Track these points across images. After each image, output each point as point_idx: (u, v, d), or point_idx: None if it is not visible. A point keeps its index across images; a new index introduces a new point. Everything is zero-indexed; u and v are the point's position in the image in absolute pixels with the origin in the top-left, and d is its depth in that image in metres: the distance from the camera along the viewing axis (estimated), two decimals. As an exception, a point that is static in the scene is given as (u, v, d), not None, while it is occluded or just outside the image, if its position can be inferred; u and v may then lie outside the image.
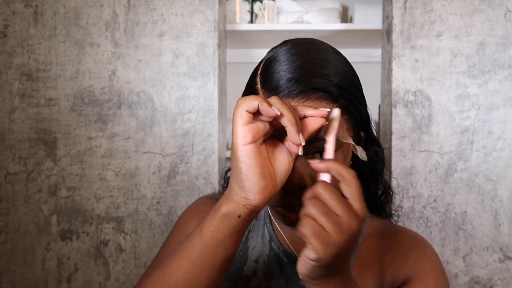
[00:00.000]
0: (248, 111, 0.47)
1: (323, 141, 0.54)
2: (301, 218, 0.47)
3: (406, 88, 1.25)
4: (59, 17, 1.26)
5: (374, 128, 0.68)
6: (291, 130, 0.47)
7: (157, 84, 1.26)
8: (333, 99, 0.57)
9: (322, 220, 0.45)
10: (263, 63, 0.62)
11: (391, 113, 1.26)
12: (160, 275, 0.55)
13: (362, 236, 0.70)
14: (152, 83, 1.26)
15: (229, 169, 0.80)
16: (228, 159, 1.50)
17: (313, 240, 0.45)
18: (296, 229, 0.47)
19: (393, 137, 1.25)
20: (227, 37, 1.67)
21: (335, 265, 0.47)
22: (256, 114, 0.48)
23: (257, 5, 1.76)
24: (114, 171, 1.26)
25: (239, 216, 0.50)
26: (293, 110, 0.48)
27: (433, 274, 0.66)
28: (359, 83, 0.63)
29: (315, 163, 0.50)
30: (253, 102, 0.47)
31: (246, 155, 0.48)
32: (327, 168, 0.49)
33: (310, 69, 0.57)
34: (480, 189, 1.24)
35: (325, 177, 0.50)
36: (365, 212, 0.47)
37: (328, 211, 0.45)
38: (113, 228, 1.27)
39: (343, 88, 0.58)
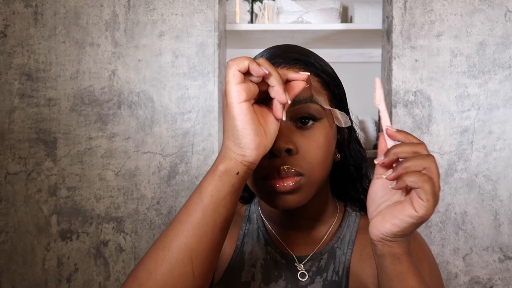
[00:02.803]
0: (239, 71, 0.49)
1: (306, 103, 0.59)
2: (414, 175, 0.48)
3: (406, 88, 1.25)
4: (59, 17, 1.26)
5: (358, 131, 0.72)
6: (278, 89, 0.50)
7: (157, 84, 1.26)
8: (315, 73, 0.62)
9: (438, 181, 0.48)
10: None
11: (391, 113, 1.25)
12: (159, 246, 0.53)
13: (355, 230, 0.71)
14: (152, 83, 1.26)
15: None
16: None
17: (431, 197, 0.47)
18: (286, 228, 0.47)
19: (393, 137, 1.25)
20: (227, 37, 1.67)
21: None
22: (245, 75, 0.51)
23: (257, 5, 1.76)
24: (114, 171, 1.26)
25: (238, 173, 0.52)
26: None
27: (426, 259, 0.69)
28: (340, 81, 0.68)
29: (392, 132, 0.52)
30: (244, 62, 0.49)
31: (242, 113, 0.50)
32: (404, 137, 0.52)
33: (292, 52, 0.64)
34: (480, 189, 1.24)
35: (390, 143, 0.53)
36: None
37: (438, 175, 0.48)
38: (113, 228, 1.26)
39: (325, 70, 0.64)
